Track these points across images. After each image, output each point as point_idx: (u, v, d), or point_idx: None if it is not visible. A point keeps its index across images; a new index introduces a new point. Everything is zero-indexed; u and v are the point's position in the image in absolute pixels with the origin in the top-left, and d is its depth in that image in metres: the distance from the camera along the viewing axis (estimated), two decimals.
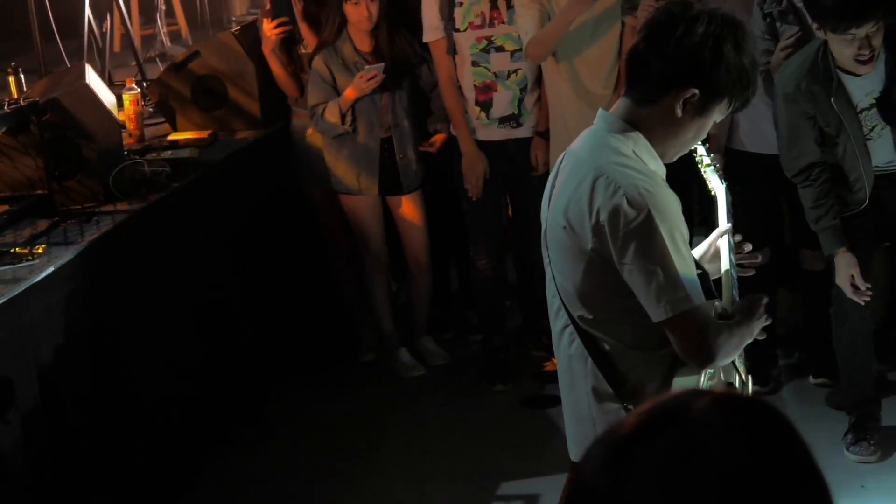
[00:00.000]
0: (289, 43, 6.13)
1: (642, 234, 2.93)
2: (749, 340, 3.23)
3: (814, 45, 4.83)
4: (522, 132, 5.86)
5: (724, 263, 3.50)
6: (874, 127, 4.87)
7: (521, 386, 6.04)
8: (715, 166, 3.74)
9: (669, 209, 2.99)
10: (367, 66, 5.77)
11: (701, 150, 3.64)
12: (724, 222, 3.60)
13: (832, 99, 4.76)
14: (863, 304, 4.95)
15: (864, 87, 4.78)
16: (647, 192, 2.95)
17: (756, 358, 5.58)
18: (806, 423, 5.30)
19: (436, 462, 5.41)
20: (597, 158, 3.06)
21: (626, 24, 5.50)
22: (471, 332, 6.63)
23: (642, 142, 3.07)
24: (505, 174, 5.93)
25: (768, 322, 3.30)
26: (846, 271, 4.92)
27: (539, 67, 5.75)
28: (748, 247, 3.55)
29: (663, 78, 3.04)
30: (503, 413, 5.84)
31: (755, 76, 3.10)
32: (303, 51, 6.12)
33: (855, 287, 4.91)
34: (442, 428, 5.76)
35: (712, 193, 3.74)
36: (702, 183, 3.83)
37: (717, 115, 3.12)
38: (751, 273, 3.56)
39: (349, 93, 5.82)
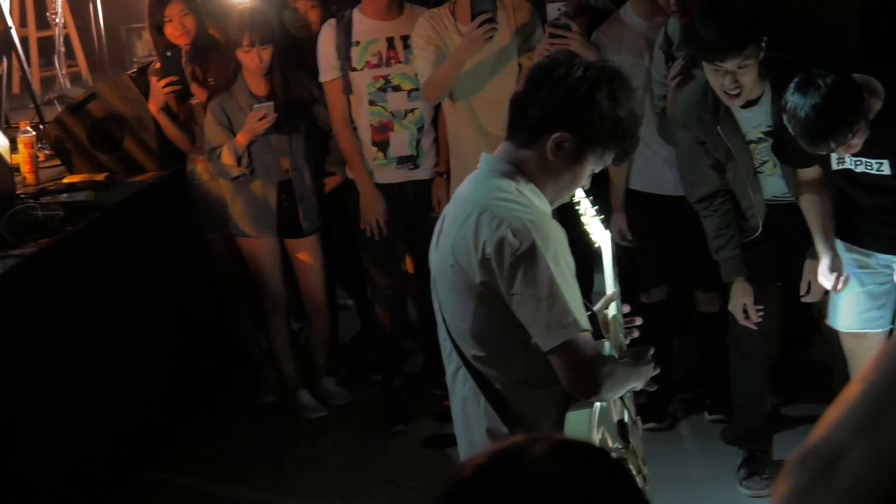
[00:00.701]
0: (179, 97, 6.09)
1: (528, 263, 2.96)
2: (634, 384, 3.26)
3: (703, 79, 4.90)
4: (420, 174, 5.88)
5: (612, 310, 3.55)
6: (765, 162, 4.95)
7: (422, 426, 6.04)
8: (599, 216, 3.77)
9: (554, 239, 3.01)
10: (255, 106, 5.76)
11: (584, 201, 3.69)
12: (609, 274, 3.64)
13: (718, 126, 4.84)
14: (753, 327, 5.05)
15: (750, 120, 4.85)
16: (531, 223, 2.98)
17: (653, 394, 5.68)
18: (701, 459, 5.43)
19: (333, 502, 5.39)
20: (481, 197, 3.09)
21: (522, 65, 5.55)
22: (372, 372, 6.62)
23: (524, 182, 3.11)
24: (404, 217, 5.94)
25: (656, 371, 3.35)
26: (740, 300, 5.03)
27: (436, 108, 5.79)
28: (638, 321, 3.59)
29: (538, 121, 3.08)
30: (404, 454, 5.83)
31: (632, 129, 3.13)
32: (194, 102, 6.10)
33: (746, 316, 5.02)
34: (343, 469, 5.74)
35: (596, 245, 3.76)
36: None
37: (593, 164, 3.14)
38: (635, 335, 3.58)
39: (242, 135, 5.82)
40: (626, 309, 3.60)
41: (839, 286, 4.75)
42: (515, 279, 2.98)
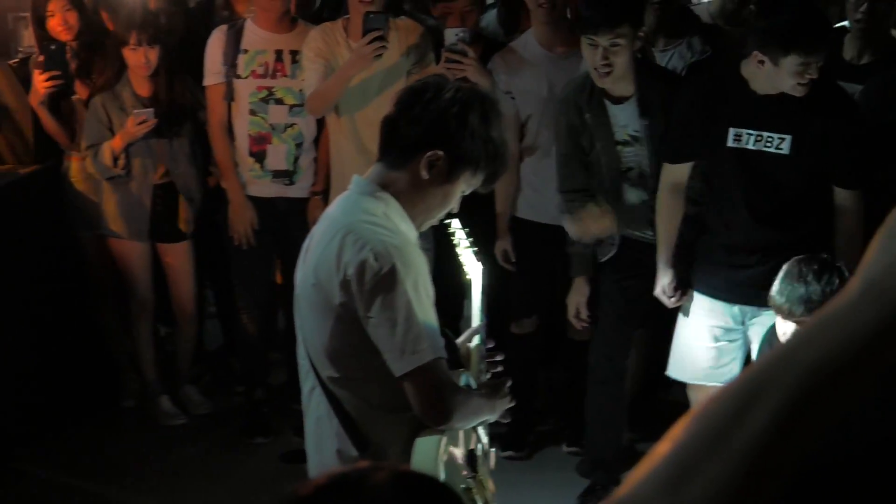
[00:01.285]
0: (61, 93, 6.00)
1: (387, 287, 2.98)
2: (488, 417, 3.29)
3: (584, 74, 5.02)
4: (294, 191, 5.86)
5: (475, 341, 3.57)
6: (631, 169, 5.01)
7: (282, 440, 6.00)
8: (472, 248, 3.79)
9: (415, 266, 3.04)
10: (135, 112, 5.70)
11: (458, 232, 3.72)
12: (477, 306, 3.66)
13: (587, 115, 4.93)
14: (579, 328, 5.27)
15: (620, 117, 4.93)
16: (393, 247, 3.01)
17: (513, 423, 5.72)
18: (554, 490, 5.46)
19: None
20: (348, 218, 3.11)
21: None
22: (235, 383, 6.58)
23: (393, 204, 3.14)
24: (274, 232, 5.91)
25: (511, 405, 3.37)
26: (576, 297, 5.26)
27: (317, 127, 5.79)
28: (499, 356, 3.60)
29: (410, 141, 3.12)
30: (262, 467, 5.80)
31: (503, 150, 3.19)
32: (76, 98, 6.02)
33: (577, 315, 5.20)
34: (200, 478, 5.69)
35: (468, 276, 3.78)
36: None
37: (464, 185, 3.19)
38: (497, 369, 3.60)
39: (120, 138, 5.76)
40: (491, 344, 3.62)
41: (677, 301, 4.84)
42: (373, 302, 3.00)
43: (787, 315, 3.91)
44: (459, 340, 3.54)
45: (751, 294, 4.63)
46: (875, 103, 4.75)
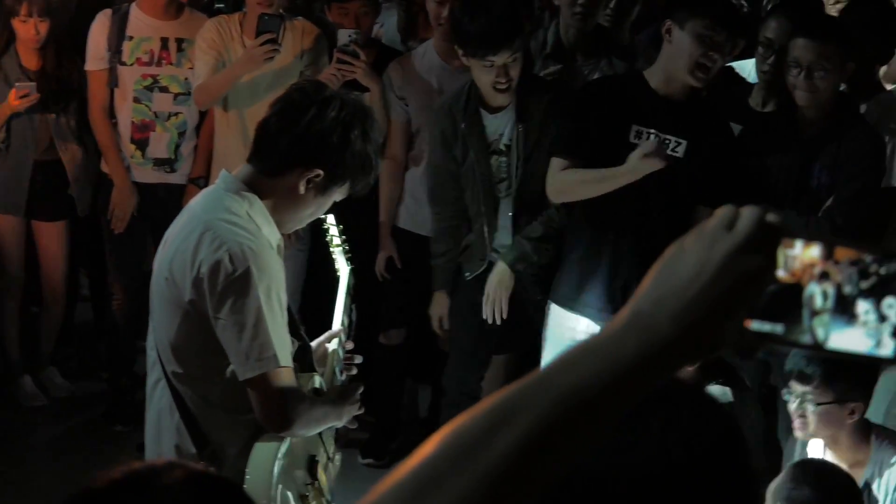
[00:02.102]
0: None
1: (239, 289, 2.98)
2: (335, 422, 3.31)
3: (464, 85, 4.98)
4: (175, 178, 5.81)
5: (333, 345, 3.58)
6: (504, 180, 4.98)
7: (142, 429, 5.90)
8: (343, 247, 3.82)
9: (271, 271, 3.05)
10: (17, 84, 5.62)
11: (333, 229, 3.74)
12: (340, 308, 3.67)
13: (463, 124, 4.90)
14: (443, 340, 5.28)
15: (496, 126, 4.90)
16: (250, 250, 3.01)
17: (377, 431, 5.72)
18: None
19: (37, 497, 5.24)
20: (208, 214, 3.11)
21: None
22: (100, 368, 6.49)
23: (258, 205, 3.13)
24: (152, 218, 5.84)
25: (360, 412, 3.40)
26: (437, 310, 5.23)
27: (199, 116, 5.75)
28: (358, 359, 3.64)
29: (290, 155, 3.13)
30: (119, 455, 5.70)
31: (377, 161, 3.24)
32: None
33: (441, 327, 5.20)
34: (55, 462, 5.63)
35: (338, 273, 3.81)
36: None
37: (338, 195, 3.23)
38: (353, 371, 3.62)
39: (3, 109, 5.66)
40: (350, 346, 3.63)
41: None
42: (224, 304, 3.00)
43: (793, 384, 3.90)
44: (317, 342, 3.54)
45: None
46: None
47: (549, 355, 4.88)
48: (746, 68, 5.16)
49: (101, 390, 6.27)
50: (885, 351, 1.19)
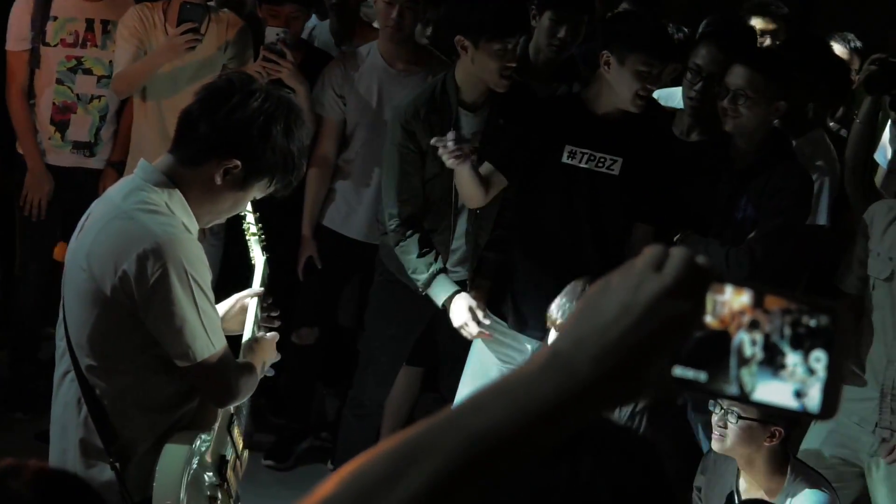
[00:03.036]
0: None
1: (168, 281, 2.93)
2: (258, 377, 3.29)
3: (433, 82, 4.86)
4: (94, 163, 5.71)
5: (250, 318, 3.50)
6: None
7: (44, 419, 5.77)
8: (260, 237, 3.76)
9: (194, 256, 3.01)
10: None
11: (250, 217, 3.68)
12: (256, 285, 3.62)
13: (433, 116, 4.73)
14: (472, 337, 4.71)
15: (471, 125, 4.80)
16: (172, 238, 2.96)
17: (282, 434, 5.65)
18: None
19: None
20: (127, 203, 3.04)
21: None
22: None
23: (177, 197, 3.07)
24: (66, 201, 5.73)
25: (277, 358, 3.43)
26: (465, 311, 4.66)
27: (120, 101, 5.65)
28: (276, 313, 3.57)
29: (208, 144, 3.06)
30: (16, 441, 5.58)
31: (301, 162, 3.17)
32: None
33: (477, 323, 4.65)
34: None
35: (253, 262, 3.77)
36: None
37: (257, 192, 3.17)
38: (276, 325, 3.55)
39: None
40: (269, 300, 3.55)
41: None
42: (154, 297, 2.95)
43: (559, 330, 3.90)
44: (235, 296, 3.50)
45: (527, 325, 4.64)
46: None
47: (472, 366, 4.84)
48: (676, 97, 5.16)
49: (2, 376, 6.13)
50: (812, 406, 1.15)
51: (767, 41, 5.88)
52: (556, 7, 5.09)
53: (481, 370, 4.75)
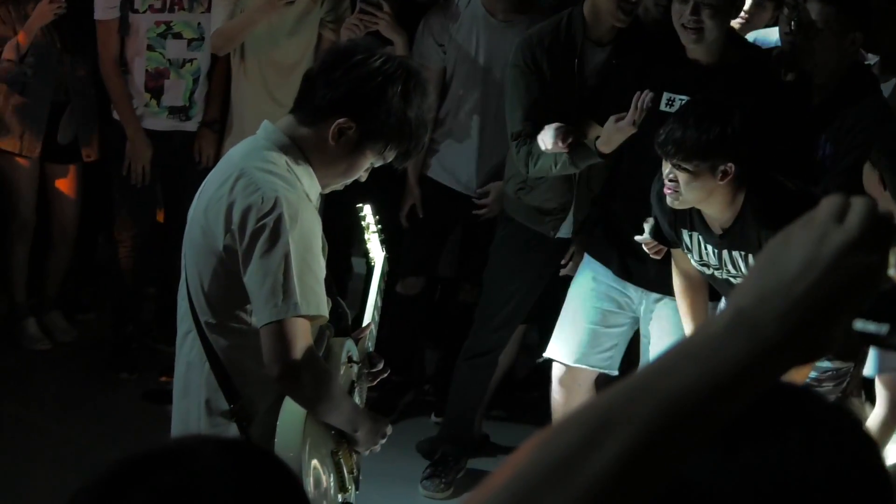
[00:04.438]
0: None
1: (269, 235, 2.92)
2: (345, 425, 3.20)
3: (559, 15, 4.80)
4: (190, 126, 5.76)
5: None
6: None
7: (147, 378, 5.90)
8: (379, 231, 3.80)
9: (304, 221, 2.98)
10: None
11: (367, 211, 3.72)
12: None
13: (576, 60, 4.68)
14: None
15: (596, 59, 4.74)
16: (285, 198, 2.95)
17: (386, 387, 5.67)
18: (415, 456, 5.42)
19: (39, 441, 5.25)
20: (246, 161, 3.05)
21: (323, 37, 5.49)
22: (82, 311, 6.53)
23: (299, 157, 3.07)
24: (164, 166, 5.80)
25: (383, 439, 3.30)
26: (617, 134, 4.42)
27: (212, 61, 5.69)
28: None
29: (325, 102, 3.06)
30: (123, 403, 5.72)
31: (419, 132, 3.12)
32: None
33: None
34: (58, 407, 5.61)
35: (372, 258, 3.79)
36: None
37: (373, 158, 3.13)
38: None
39: (30, 22, 5.56)
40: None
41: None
42: (253, 249, 2.94)
43: (663, 153, 3.85)
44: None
45: (652, 278, 4.59)
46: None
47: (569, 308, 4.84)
48: (772, 37, 5.06)
49: (106, 336, 6.24)
50: None
51: None
52: None
53: (573, 317, 4.80)
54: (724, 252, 3.99)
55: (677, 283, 4.35)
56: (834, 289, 1.11)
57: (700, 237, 4.05)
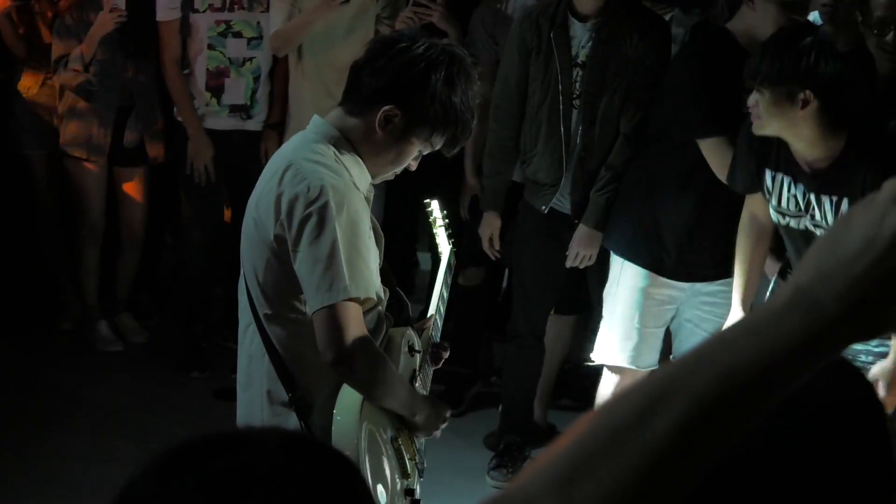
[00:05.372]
0: (23, 5, 5.92)
1: (317, 221, 2.94)
2: (405, 410, 3.21)
3: None
4: (251, 125, 5.82)
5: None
6: (580, 94, 4.83)
7: (218, 376, 5.96)
8: (446, 226, 3.82)
9: (351, 207, 2.99)
10: None
11: (436, 211, 3.73)
12: (438, 288, 3.65)
13: (552, 32, 4.77)
14: (493, 258, 5.23)
15: (581, 36, 4.78)
16: (332, 186, 2.96)
17: (453, 380, 5.69)
18: (480, 450, 5.41)
19: (116, 441, 5.31)
20: (295, 154, 3.08)
21: (380, 33, 5.50)
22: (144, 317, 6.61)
23: (346, 147, 3.09)
24: (228, 165, 5.86)
25: (434, 428, 3.32)
26: (487, 231, 5.19)
27: (273, 60, 5.74)
28: (444, 354, 3.55)
29: (370, 91, 3.07)
30: (193, 400, 5.78)
31: (465, 117, 3.10)
32: (37, 11, 5.93)
33: (490, 246, 5.19)
34: (131, 407, 5.67)
35: (440, 251, 3.81)
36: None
37: (420, 146, 3.13)
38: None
39: (89, 39, 5.66)
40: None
41: None
42: (301, 237, 2.96)
43: (747, 79, 3.83)
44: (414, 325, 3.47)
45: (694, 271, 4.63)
46: None
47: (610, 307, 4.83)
48: None
49: (176, 336, 6.33)
50: None
51: None
52: None
53: (622, 321, 4.78)
54: (813, 195, 3.91)
55: (745, 221, 4.27)
56: (893, 268, 1.11)
57: (786, 179, 3.98)
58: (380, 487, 3.09)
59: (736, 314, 4.22)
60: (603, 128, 4.83)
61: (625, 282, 4.76)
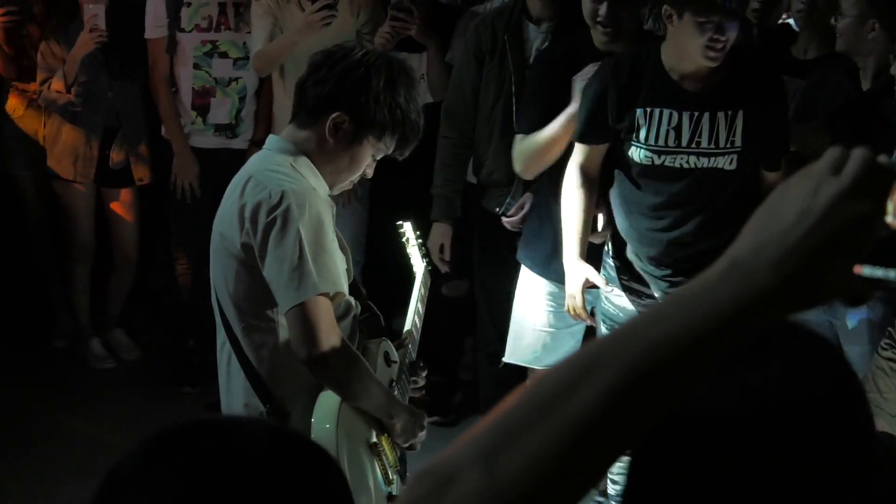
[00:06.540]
0: (13, 28, 5.97)
1: (280, 225, 3.02)
2: (379, 411, 3.25)
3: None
4: (237, 143, 5.86)
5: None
6: None
7: (210, 391, 5.97)
8: (419, 245, 3.89)
9: (313, 208, 3.07)
10: (88, 6, 5.63)
11: (409, 232, 3.79)
12: (413, 305, 3.71)
13: (506, 36, 4.81)
14: (443, 272, 5.20)
15: (534, 38, 4.83)
16: (291, 190, 3.05)
17: (438, 388, 5.71)
18: None
19: (110, 457, 5.27)
20: (254, 168, 3.18)
21: None
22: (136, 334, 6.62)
23: (302, 160, 3.18)
24: (217, 184, 5.88)
25: (413, 436, 3.34)
26: (437, 240, 5.14)
27: (259, 80, 5.79)
28: (422, 374, 3.62)
29: (316, 101, 3.16)
30: (186, 414, 5.73)
31: (412, 117, 3.19)
32: (25, 35, 5.99)
33: (441, 258, 5.15)
34: (125, 423, 5.70)
35: (414, 271, 3.88)
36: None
37: (372, 149, 3.21)
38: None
39: (73, 53, 5.71)
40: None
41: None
42: (268, 240, 3.04)
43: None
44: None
45: None
46: (809, 97, 4.73)
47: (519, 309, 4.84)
48: None
49: (168, 352, 6.37)
50: None
51: None
52: None
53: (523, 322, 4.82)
54: (707, 114, 3.95)
55: (573, 177, 4.22)
56: (826, 237, 1.13)
57: (665, 111, 3.98)
58: (361, 493, 3.13)
59: (578, 269, 4.23)
60: None
61: (525, 286, 4.80)
